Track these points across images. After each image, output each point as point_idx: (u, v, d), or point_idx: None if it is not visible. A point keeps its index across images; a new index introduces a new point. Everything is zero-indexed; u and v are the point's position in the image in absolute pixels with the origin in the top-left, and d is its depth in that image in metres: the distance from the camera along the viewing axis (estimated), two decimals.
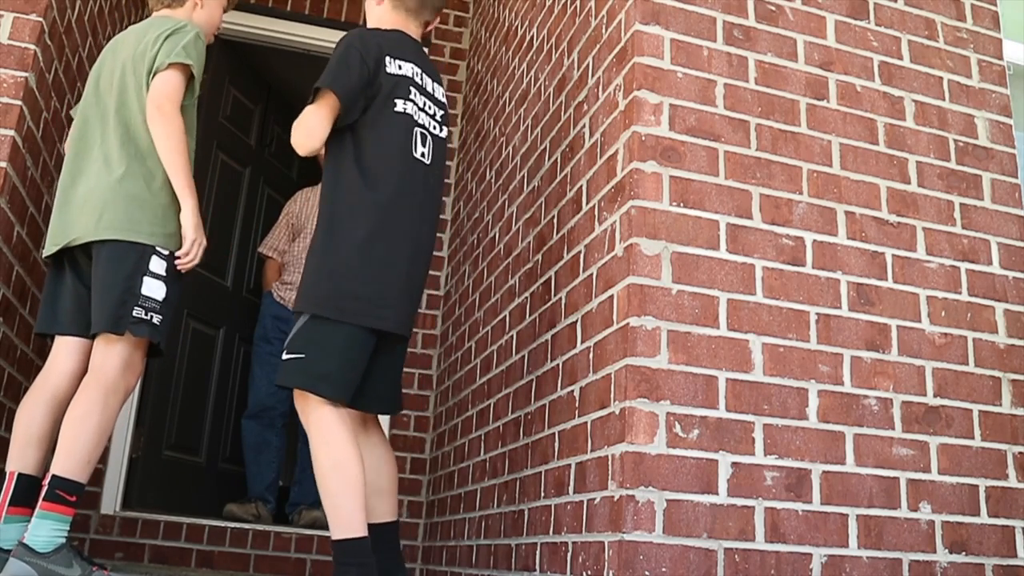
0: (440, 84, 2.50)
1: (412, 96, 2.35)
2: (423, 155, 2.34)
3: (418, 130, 2.35)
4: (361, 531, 2.10)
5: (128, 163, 2.35)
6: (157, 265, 2.32)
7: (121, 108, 2.40)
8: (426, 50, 2.63)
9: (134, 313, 2.26)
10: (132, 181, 2.33)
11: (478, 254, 3.53)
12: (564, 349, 2.39)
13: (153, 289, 2.30)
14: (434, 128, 2.41)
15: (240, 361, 4.50)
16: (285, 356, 2.21)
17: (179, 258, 2.36)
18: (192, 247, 2.37)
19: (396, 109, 2.31)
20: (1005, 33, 2.65)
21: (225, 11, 2.75)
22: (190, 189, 2.36)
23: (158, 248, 2.33)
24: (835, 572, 1.98)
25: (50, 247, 2.40)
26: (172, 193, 2.37)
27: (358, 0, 4.31)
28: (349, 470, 2.11)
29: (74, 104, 3.03)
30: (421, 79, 2.40)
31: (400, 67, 2.34)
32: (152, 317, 2.29)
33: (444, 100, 2.50)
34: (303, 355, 2.17)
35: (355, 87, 2.24)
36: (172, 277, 2.36)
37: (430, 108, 2.41)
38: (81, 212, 2.34)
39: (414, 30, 2.49)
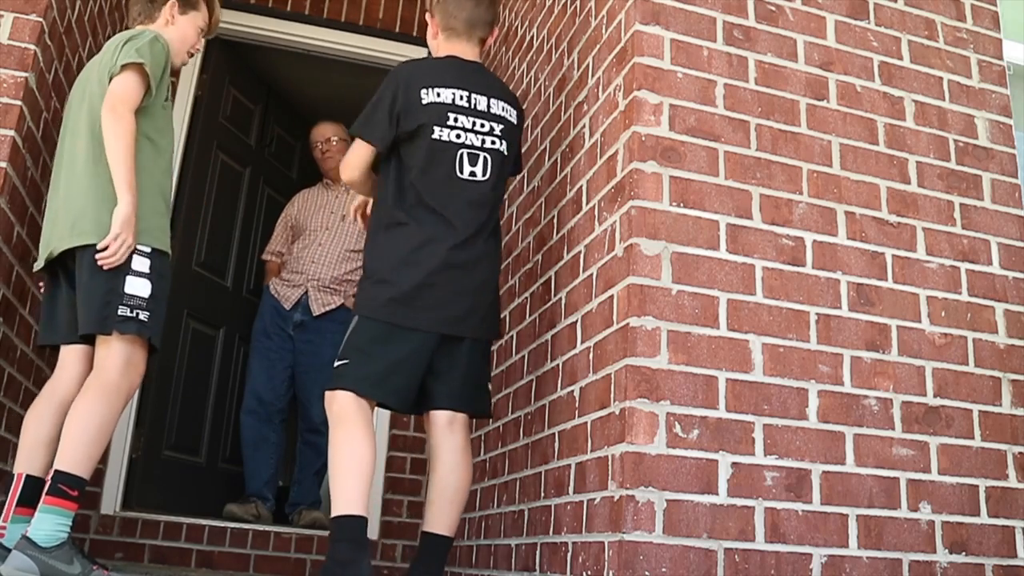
0: (502, 99, 2.54)
1: (451, 121, 2.43)
2: (473, 174, 2.43)
3: (464, 151, 2.43)
4: (357, 510, 2.17)
5: (95, 169, 2.38)
6: (139, 263, 2.34)
7: (89, 117, 2.44)
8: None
9: (119, 312, 2.28)
10: (101, 186, 2.35)
11: None
12: (564, 349, 2.39)
13: (137, 287, 2.32)
14: (490, 143, 2.48)
15: (240, 361, 4.49)
16: (336, 364, 2.35)
17: (100, 251, 2.27)
18: (115, 242, 2.27)
19: (434, 136, 2.41)
20: (1005, 33, 2.65)
21: (204, 35, 2.79)
22: (130, 187, 2.30)
23: (138, 247, 2.34)
24: (835, 572, 1.98)
25: (39, 261, 2.46)
26: (144, 190, 2.38)
27: (358, 0, 4.31)
28: (356, 450, 2.22)
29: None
30: (469, 100, 2.47)
31: (438, 95, 2.44)
32: (139, 314, 2.31)
33: (505, 113, 2.53)
34: (347, 360, 2.33)
35: (383, 128, 2.42)
36: (157, 273, 2.37)
37: (482, 126, 2.47)
38: (57, 223, 2.39)
39: (471, 52, 2.59)
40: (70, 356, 2.44)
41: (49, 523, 2.12)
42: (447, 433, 2.41)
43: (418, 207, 2.39)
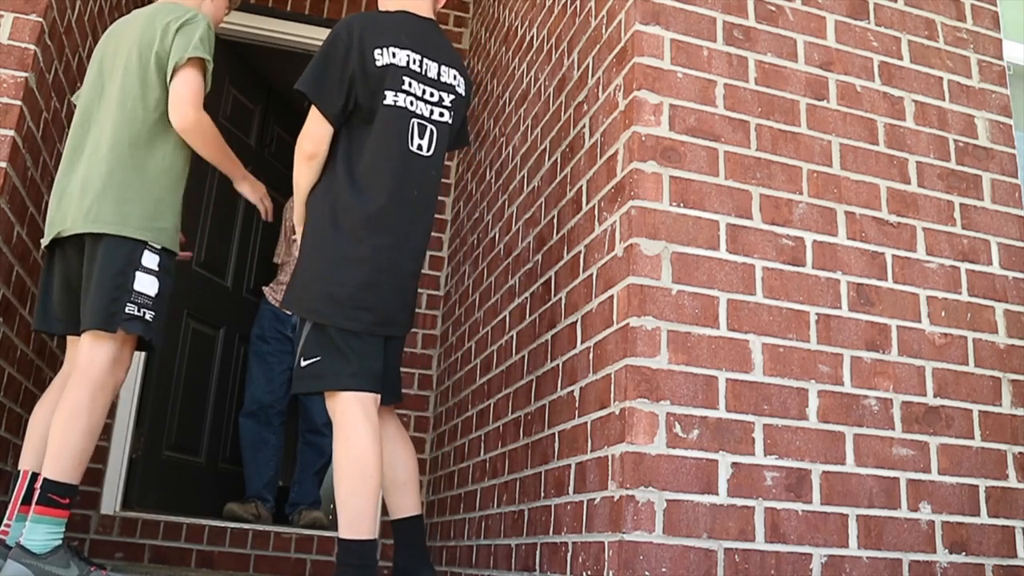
0: (452, 66, 2.37)
1: (406, 86, 2.26)
2: (420, 147, 2.27)
3: (415, 121, 2.27)
4: (368, 534, 2.06)
5: (121, 153, 2.32)
6: (149, 260, 2.29)
7: (121, 94, 2.37)
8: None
9: (127, 309, 2.24)
10: (123, 173, 2.30)
11: (478, 254, 3.53)
12: (564, 349, 2.39)
13: (146, 285, 2.28)
14: (438, 115, 2.32)
15: (240, 361, 4.50)
16: (303, 363, 2.17)
17: (264, 213, 2.70)
18: (263, 203, 2.71)
19: (386, 102, 2.23)
20: (1005, 33, 2.65)
21: (227, 12, 2.75)
22: (239, 171, 2.63)
23: (150, 243, 2.30)
24: (835, 572, 1.98)
25: (46, 237, 2.38)
26: (165, 186, 2.36)
27: (358, 0, 4.31)
28: (367, 471, 2.07)
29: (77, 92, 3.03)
30: (421, 65, 2.29)
31: (394, 55, 2.25)
32: (145, 313, 2.27)
33: (455, 82, 2.37)
34: (319, 357, 2.15)
35: (338, 101, 2.21)
36: (164, 272, 2.33)
37: (432, 95, 2.31)
38: (72, 202, 2.31)
39: (424, 6, 2.41)
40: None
41: (41, 532, 2.10)
42: (380, 424, 2.24)
43: (366, 186, 2.19)
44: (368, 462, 2.07)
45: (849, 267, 2.20)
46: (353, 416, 2.11)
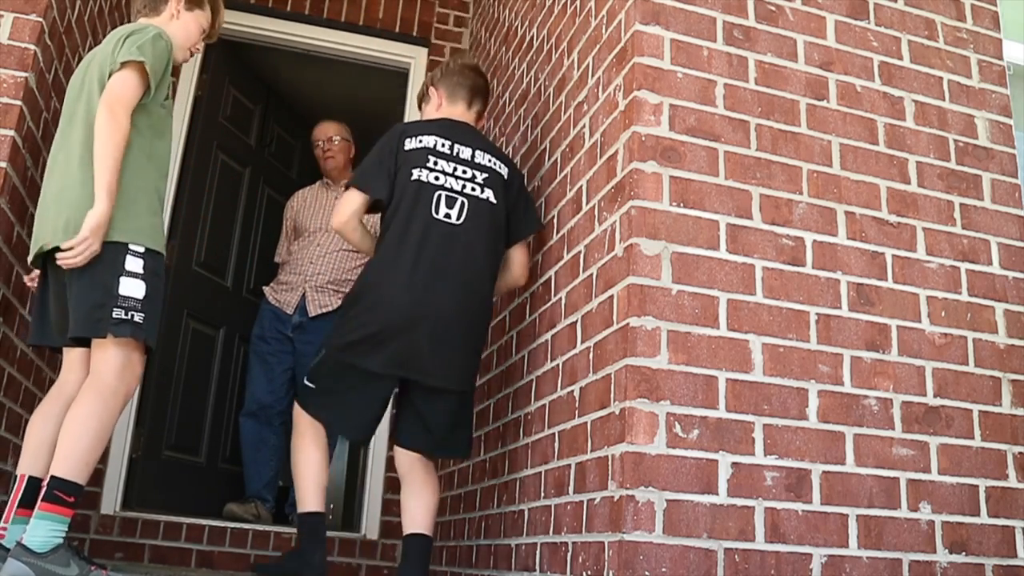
0: (490, 153, 2.69)
1: (430, 164, 2.60)
2: (448, 216, 2.57)
3: (442, 193, 2.58)
4: (313, 507, 2.57)
5: (89, 165, 2.31)
6: (133, 264, 2.28)
7: (86, 113, 2.40)
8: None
9: (114, 314, 2.23)
10: (93, 183, 2.30)
11: None
12: (564, 349, 2.39)
13: (132, 288, 2.26)
14: (470, 189, 2.62)
15: (240, 361, 4.49)
16: (305, 381, 2.66)
17: (64, 249, 2.21)
18: (81, 245, 2.20)
19: (412, 177, 2.58)
20: (1005, 33, 2.65)
21: (205, 38, 2.73)
22: (110, 192, 2.23)
23: (131, 246, 2.29)
24: (835, 572, 1.98)
25: (31, 254, 2.41)
26: (137, 187, 2.34)
27: (358, 0, 4.31)
28: (307, 457, 2.61)
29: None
30: (451, 148, 2.64)
31: (421, 141, 2.63)
32: (133, 316, 2.25)
33: (492, 164, 2.68)
34: (314, 385, 2.62)
35: (375, 178, 2.61)
36: (151, 273, 2.31)
37: (464, 172, 2.63)
38: (49, 217, 2.34)
39: (468, 118, 2.82)
40: (75, 360, 2.40)
41: (44, 529, 2.10)
42: (410, 472, 2.71)
43: (394, 245, 2.53)
44: (310, 451, 2.61)
45: (849, 267, 2.20)
46: (304, 422, 2.64)
